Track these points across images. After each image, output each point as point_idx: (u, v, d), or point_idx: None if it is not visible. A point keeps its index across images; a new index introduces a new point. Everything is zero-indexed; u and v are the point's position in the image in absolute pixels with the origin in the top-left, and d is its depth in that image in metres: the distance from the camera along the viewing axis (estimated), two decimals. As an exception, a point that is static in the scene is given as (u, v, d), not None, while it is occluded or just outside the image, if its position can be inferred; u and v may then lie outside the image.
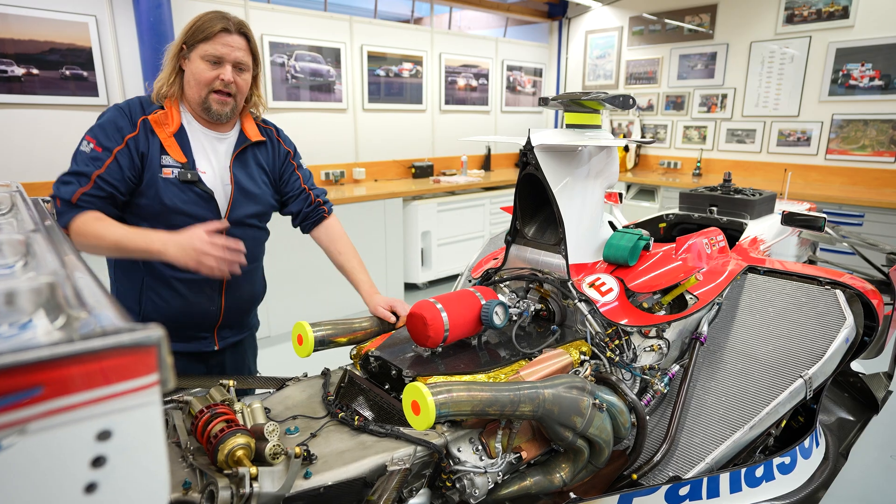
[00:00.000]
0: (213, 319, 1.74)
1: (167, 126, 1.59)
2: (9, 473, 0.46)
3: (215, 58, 1.56)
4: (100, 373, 0.48)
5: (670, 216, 2.62)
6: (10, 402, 0.44)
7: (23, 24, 3.41)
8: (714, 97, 5.73)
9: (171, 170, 1.57)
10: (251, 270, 1.81)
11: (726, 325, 1.77)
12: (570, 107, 1.76)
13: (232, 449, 1.06)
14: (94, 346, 0.47)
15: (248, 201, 1.72)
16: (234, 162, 1.69)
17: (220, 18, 1.57)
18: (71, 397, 0.47)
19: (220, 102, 1.60)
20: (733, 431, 1.52)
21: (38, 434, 0.47)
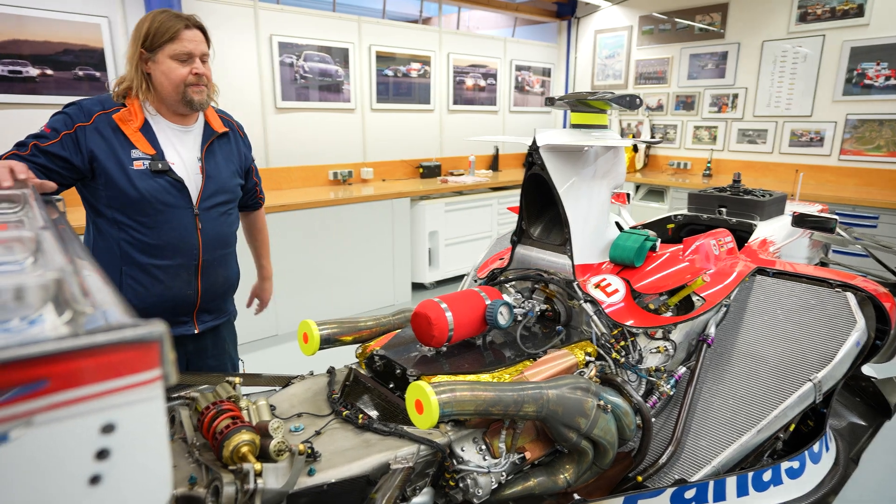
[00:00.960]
0: (191, 303, 1.81)
1: (132, 122, 1.66)
2: (15, 464, 0.47)
3: (185, 54, 1.64)
4: (104, 367, 0.49)
5: (679, 217, 2.61)
6: (16, 394, 0.45)
7: (38, 26, 3.46)
8: (725, 97, 5.69)
9: (142, 161, 1.65)
10: (225, 255, 1.90)
11: (734, 327, 1.76)
12: (577, 107, 1.76)
13: (237, 445, 1.07)
14: (98, 340, 0.48)
15: (217, 189, 1.80)
16: (206, 154, 1.78)
17: (177, 17, 1.64)
18: (76, 391, 0.48)
19: (198, 92, 1.69)
20: (740, 435, 1.51)
21: (43, 426, 0.47)
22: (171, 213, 1.69)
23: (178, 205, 1.70)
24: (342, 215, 4.38)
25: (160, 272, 1.72)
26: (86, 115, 1.62)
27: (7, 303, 0.59)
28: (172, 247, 1.72)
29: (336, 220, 4.34)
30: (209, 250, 1.79)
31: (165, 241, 1.70)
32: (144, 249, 1.69)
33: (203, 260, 1.78)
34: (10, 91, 3.44)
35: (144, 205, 1.65)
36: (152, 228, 1.68)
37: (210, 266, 1.81)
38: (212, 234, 1.79)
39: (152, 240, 1.69)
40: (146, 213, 1.66)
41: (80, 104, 1.65)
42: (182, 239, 1.72)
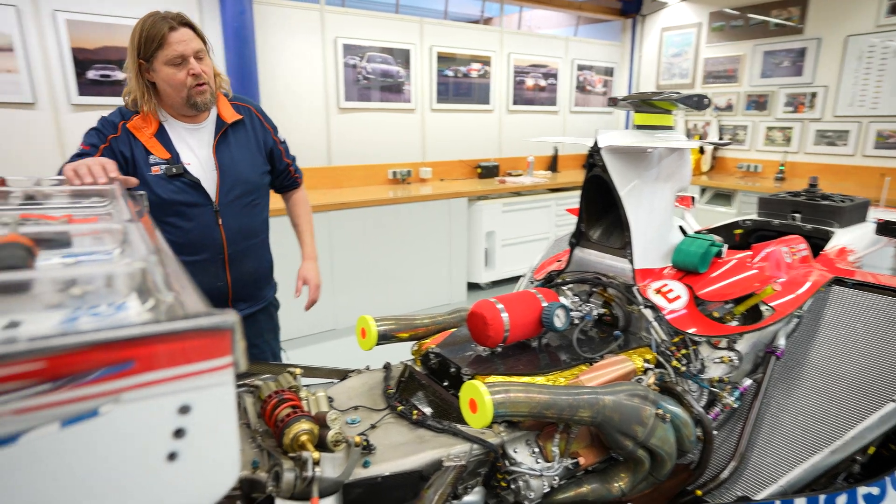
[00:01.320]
0: (223, 294, 1.86)
1: (146, 128, 1.70)
2: (104, 437, 0.51)
3: (179, 58, 1.62)
4: (182, 352, 0.53)
5: (747, 222, 2.49)
6: (106, 373, 0.49)
7: (124, 33, 3.71)
8: (802, 96, 5.36)
9: (159, 167, 1.70)
10: (252, 246, 1.92)
11: (807, 339, 1.66)
12: (641, 107, 1.71)
13: (297, 434, 1.11)
14: (178, 327, 0.52)
15: (235, 182, 1.81)
16: (217, 148, 1.78)
17: (161, 20, 1.62)
18: (157, 373, 0.52)
19: (200, 93, 1.68)
20: (811, 454, 1.42)
21: (129, 404, 0.51)
22: (192, 213, 1.75)
23: (197, 203, 1.74)
24: (400, 214, 4.45)
25: (189, 267, 1.76)
26: (113, 127, 1.69)
27: (98, 289, 0.65)
28: (197, 244, 1.77)
29: (394, 218, 4.42)
30: (233, 243, 1.83)
31: (189, 239, 1.76)
32: (172, 248, 1.72)
33: (229, 253, 1.82)
34: (101, 94, 3.71)
35: (165, 208, 1.71)
36: (177, 228, 1.74)
37: (237, 258, 1.85)
38: (235, 228, 1.82)
39: (178, 238, 1.75)
40: (170, 215, 1.72)
41: (105, 119, 1.72)
42: (205, 235, 1.77)
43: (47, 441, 0.49)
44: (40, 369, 0.46)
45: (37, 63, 3.46)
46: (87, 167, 1.29)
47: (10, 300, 0.62)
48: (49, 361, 0.46)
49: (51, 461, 0.49)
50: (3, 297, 0.62)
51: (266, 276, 2.04)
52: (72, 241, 0.75)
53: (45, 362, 0.46)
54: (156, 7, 3.80)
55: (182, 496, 0.57)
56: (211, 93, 1.72)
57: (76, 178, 1.27)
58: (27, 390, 0.47)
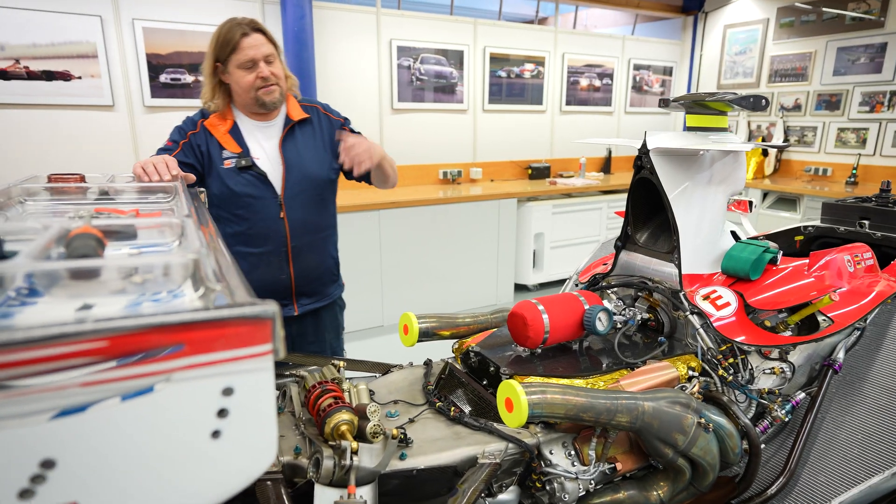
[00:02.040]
0: (287, 286, 1.94)
1: (221, 125, 1.84)
2: (156, 413, 0.56)
3: (249, 62, 1.75)
4: (227, 338, 0.57)
5: (809, 229, 2.37)
6: (160, 354, 0.54)
7: (194, 38, 3.93)
8: (880, 95, 5.02)
9: (231, 160, 1.82)
10: (315, 241, 1.98)
11: (870, 354, 1.57)
12: (693, 108, 1.66)
13: (337, 423, 1.16)
14: (224, 314, 0.56)
15: (299, 176, 1.89)
16: (283, 143, 1.88)
17: (236, 26, 1.74)
18: (205, 356, 0.57)
19: (268, 93, 1.79)
20: (870, 475, 1.35)
21: (179, 383, 0.56)
22: (259, 204, 1.84)
23: (263, 196, 1.84)
24: (449, 214, 4.49)
25: (255, 259, 1.88)
26: (193, 124, 1.85)
27: (158, 278, 0.71)
28: (262, 235, 1.87)
29: (443, 218, 4.46)
30: (297, 236, 1.91)
31: (256, 230, 1.86)
32: (241, 239, 1.86)
33: (292, 246, 1.90)
34: (171, 96, 3.95)
35: (235, 199, 1.82)
36: (245, 220, 1.85)
37: (301, 251, 1.93)
38: (299, 221, 1.90)
39: (246, 230, 1.85)
40: (239, 206, 1.83)
41: (188, 118, 1.88)
42: (270, 227, 1.86)
43: (110, 412, 0.54)
44: (103, 347, 0.52)
45: (116, 68, 3.72)
46: (153, 165, 1.39)
47: (83, 285, 0.69)
48: (111, 341, 0.52)
49: (112, 431, 0.55)
50: (77, 282, 0.69)
51: (330, 272, 2.11)
52: (137, 234, 0.82)
53: (107, 341, 0.52)
54: (223, 12, 4.00)
55: (224, 471, 0.61)
56: (280, 93, 1.83)
57: (144, 175, 1.37)
58: (94, 366, 0.52)
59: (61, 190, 1.20)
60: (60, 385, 0.51)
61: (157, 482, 0.58)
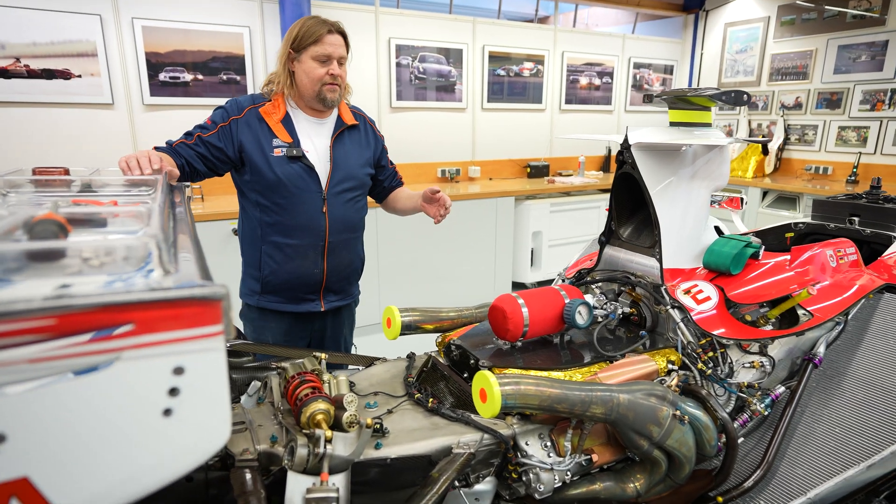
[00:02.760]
0: (318, 281, 1.98)
1: (275, 114, 1.87)
2: (107, 390, 0.58)
3: (325, 56, 1.82)
4: (176, 318, 0.59)
5: (800, 226, 2.36)
6: (107, 333, 0.56)
7: (194, 37, 3.97)
8: (881, 93, 4.99)
9: (281, 149, 1.85)
10: (351, 240, 2.04)
11: (850, 348, 1.58)
12: (676, 104, 1.67)
13: (313, 412, 1.18)
14: (172, 295, 0.58)
15: (344, 176, 1.95)
16: (334, 142, 1.93)
17: (322, 23, 1.82)
18: (155, 335, 0.59)
19: (331, 91, 1.86)
20: (845, 468, 1.35)
21: (129, 362, 0.58)
22: (303, 196, 1.88)
23: (308, 188, 1.89)
24: (446, 212, 4.49)
25: (291, 250, 1.92)
26: (239, 109, 1.87)
27: (128, 259, 0.72)
28: (302, 227, 1.91)
29: (440, 216, 4.47)
30: (335, 233, 1.95)
31: (297, 221, 1.90)
32: (279, 229, 1.90)
33: (329, 241, 1.95)
34: (171, 94, 3.98)
35: (280, 188, 1.86)
36: (286, 209, 1.89)
37: (336, 248, 1.98)
38: (338, 218, 1.95)
39: (286, 220, 1.89)
40: (282, 196, 1.87)
41: (236, 100, 1.91)
42: (311, 220, 1.91)
43: (59, 389, 0.56)
44: (51, 325, 0.53)
45: (116, 67, 3.76)
46: (137, 159, 1.41)
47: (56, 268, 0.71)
48: (58, 319, 0.54)
49: (63, 408, 0.57)
50: (49, 264, 0.70)
51: (358, 272, 2.17)
52: (107, 222, 0.84)
53: (55, 320, 0.54)
54: (221, 11, 4.01)
55: (176, 449, 0.63)
56: (340, 94, 1.90)
57: (128, 169, 1.39)
58: (42, 344, 0.54)
59: (45, 183, 1.22)
60: (8, 361, 0.53)
61: (108, 458, 0.60)
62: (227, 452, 1.16)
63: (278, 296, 1.98)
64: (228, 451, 1.16)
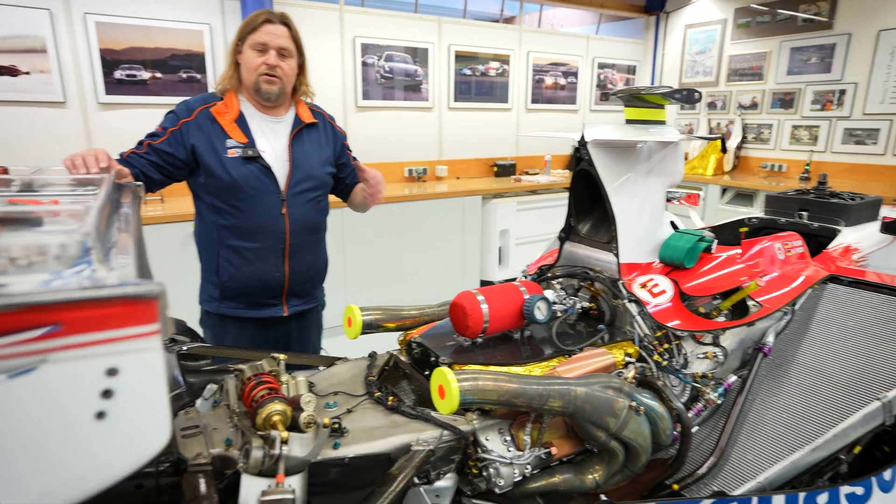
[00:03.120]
0: (279, 285, 1.93)
1: (227, 114, 1.82)
2: (33, 394, 0.56)
3: (261, 45, 1.77)
4: (109, 317, 0.57)
5: (753, 220, 2.44)
6: (34, 334, 0.54)
7: (152, 34, 3.86)
8: (830, 94, 5.20)
9: (235, 150, 1.80)
10: (312, 241, 1.99)
11: (797, 337, 1.64)
12: (631, 102, 1.70)
13: (269, 414, 1.16)
14: (102, 293, 0.56)
15: (304, 176, 1.90)
16: (293, 141, 1.89)
17: (265, 12, 1.78)
18: (84, 336, 0.57)
19: (267, 82, 1.80)
20: (792, 451, 1.40)
21: (57, 364, 0.56)
22: (261, 198, 1.83)
23: (266, 190, 1.83)
24: (415, 211, 4.49)
25: (250, 254, 1.87)
26: (189, 111, 1.81)
27: (53, 258, 0.69)
28: (261, 230, 1.85)
29: (409, 216, 4.47)
30: (296, 234, 1.90)
31: (255, 224, 1.84)
32: (237, 232, 1.85)
33: (290, 244, 1.90)
34: (127, 93, 3.87)
35: (237, 189, 1.81)
36: (244, 212, 1.83)
37: (297, 250, 1.93)
38: (298, 219, 1.90)
39: (244, 223, 1.84)
40: (238, 198, 1.82)
41: (186, 102, 1.84)
42: (270, 222, 1.85)
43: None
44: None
45: (67, 64, 3.63)
46: (82, 158, 1.36)
47: None
48: (-23, 320, 0.51)
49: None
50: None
51: (321, 274, 2.12)
52: (42, 221, 0.81)
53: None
54: (180, 8, 3.91)
55: (112, 453, 0.61)
56: (280, 89, 1.82)
57: (73, 167, 1.35)
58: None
59: (-19, 182, 1.17)
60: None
61: (38, 464, 0.58)
62: (180, 457, 1.14)
63: (238, 301, 1.92)
64: (181, 457, 1.14)
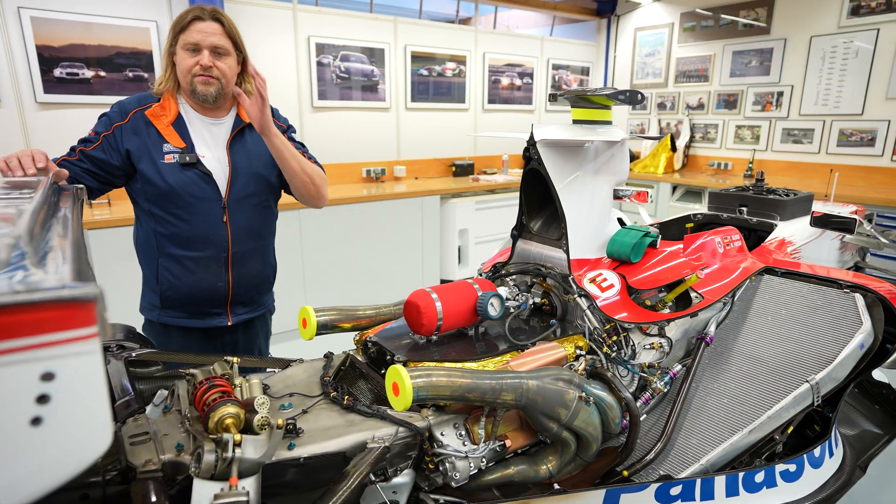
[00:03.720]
0: (223, 294, 1.85)
1: (164, 117, 1.73)
2: (-38, 401, 0.54)
3: (192, 45, 1.67)
4: (43, 321, 0.56)
5: (698, 216, 2.55)
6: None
7: (95, 31, 3.71)
8: (769, 95, 5.47)
9: (172, 155, 1.71)
10: (257, 248, 1.90)
11: (736, 326, 1.72)
12: (578, 102, 1.76)
13: (222, 417, 1.14)
14: (34, 297, 0.55)
15: (246, 180, 1.81)
16: (231, 144, 1.80)
17: (194, 9, 1.68)
18: (17, 340, 0.56)
19: (203, 83, 1.70)
20: (731, 434, 1.48)
21: (-13, 370, 0.55)
22: (200, 205, 1.75)
23: (206, 197, 1.75)
24: (373, 212, 4.48)
25: (191, 263, 1.79)
26: (123, 114, 1.72)
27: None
28: (202, 238, 1.77)
29: (367, 216, 4.45)
30: (239, 242, 1.82)
31: (195, 232, 1.76)
32: (176, 241, 1.76)
33: (233, 252, 1.82)
34: (68, 92, 3.70)
35: (175, 197, 1.72)
36: (184, 220, 1.75)
37: (241, 258, 1.84)
38: (242, 226, 1.82)
39: (183, 231, 1.76)
40: (177, 206, 1.73)
41: (120, 104, 1.74)
42: (211, 231, 1.77)
43: None
44: None
45: (1, 61, 3.45)
46: (18, 159, 1.31)
47: None
48: None
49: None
50: None
51: (268, 282, 2.03)
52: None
53: None
54: (126, 6, 3.78)
55: (49, 460, 0.60)
56: (218, 90, 1.72)
57: (7, 170, 1.29)
58: None
59: None
60: None
61: (-30, 473, 0.56)
62: (128, 465, 1.11)
63: (180, 311, 1.84)
64: (129, 464, 1.11)
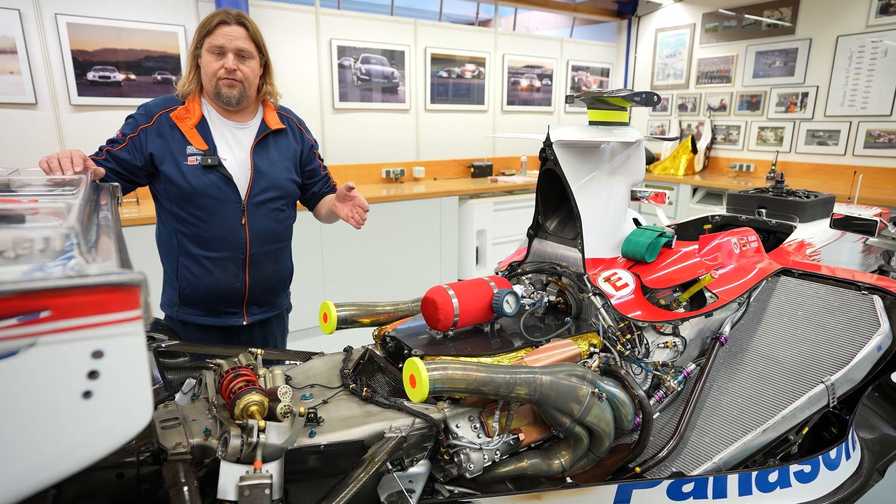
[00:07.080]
0: (239, 295, 1.91)
1: (188, 119, 1.78)
2: (23, 374, 0.60)
3: (218, 48, 1.73)
4: (94, 304, 0.62)
5: (716, 217, 2.55)
6: (23, 319, 0.59)
7: (125, 36, 3.84)
8: (793, 96, 5.40)
9: (195, 157, 1.77)
10: (275, 251, 1.95)
11: (752, 327, 1.73)
12: (594, 104, 1.79)
13: (247, 404, 1.20)
14: (88, 281, 0.61)
15: (267, 185, 1.86)
16: (255, 148, 1.85)
17: (220, 13, 1.74)
18: (71, 321, 0.61)
19: (228, 85, 1.76)
20: (745, 433, 1.49)
21: (45, 347, 0.61)
22: (220, 207, 1.80)
23: (226, 199, 1.80)
24: (392, 212, 4.54)
25: (210, 263, 1.84)
26: (149, 116, 1.78)
27: (39, 251, 0.74)
28: (221, 239, 1.82)
29: (387, 216, 4.51)
30: (257, 244, 1.87)
31: (214, 233, 1.81)
32: (196, 241, 1.82)
33: (250, 254, 1.86)
34: (100, 94, 3.84)
35: (196, 198, 1.78)
36: (204, 221, 1.80)
37: (258, 260, 1.89)
38: (260, 229, 1.87)
39: (203, 232, 1.81)
40: (198, 207, 1.79)
41: (146, 106, 1.80)
42: (230, 232, 1.82)
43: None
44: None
45: (38, 65, 3.60)
46: (59, 159, 1.39)
47: None
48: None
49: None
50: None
51: (284, 283, 2.07)
52: (25, 219, 0.84)
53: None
54: (153, 9, 3.90)
55: (98, 430, 0.66)
56: (240, 92, 1.78)
57: (49, 169, 1.37)
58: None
59: (-41, 183, 1.19)
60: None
61: (28, 441, 0.62)
62: (160, 447, 1.17)
63: (197, 308, 1.89)
64: (161, 446, 1.17)
